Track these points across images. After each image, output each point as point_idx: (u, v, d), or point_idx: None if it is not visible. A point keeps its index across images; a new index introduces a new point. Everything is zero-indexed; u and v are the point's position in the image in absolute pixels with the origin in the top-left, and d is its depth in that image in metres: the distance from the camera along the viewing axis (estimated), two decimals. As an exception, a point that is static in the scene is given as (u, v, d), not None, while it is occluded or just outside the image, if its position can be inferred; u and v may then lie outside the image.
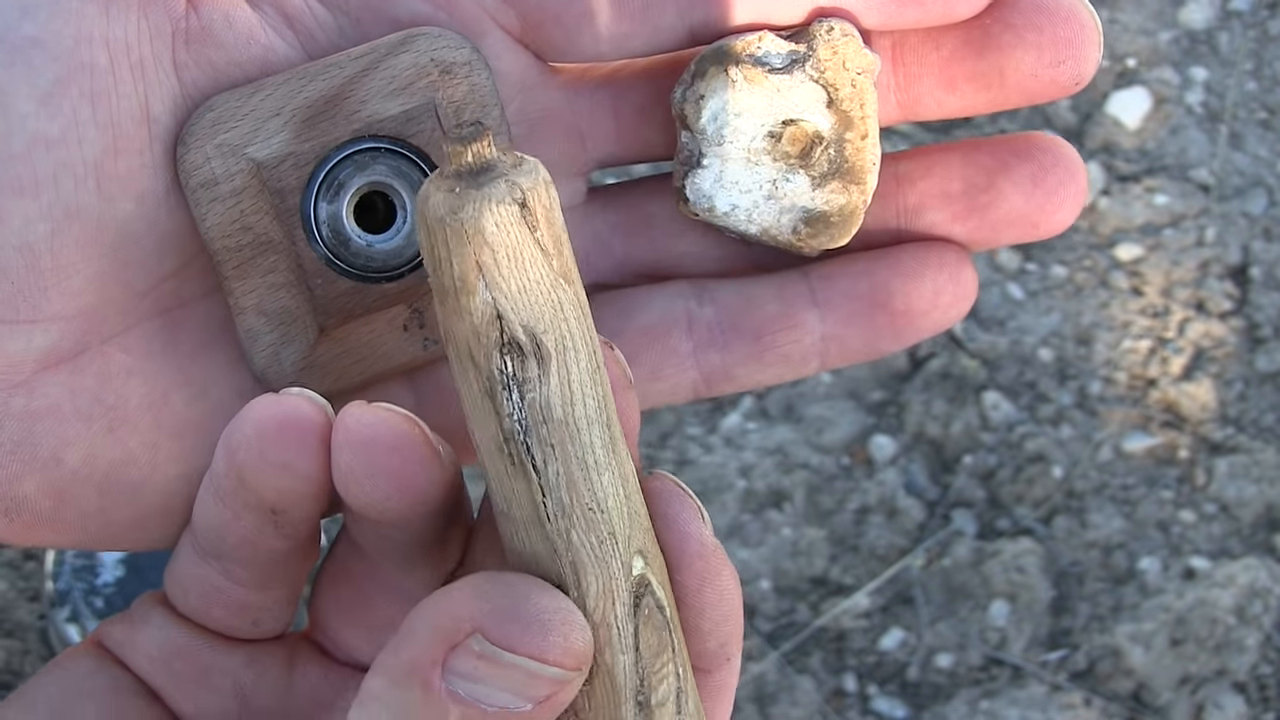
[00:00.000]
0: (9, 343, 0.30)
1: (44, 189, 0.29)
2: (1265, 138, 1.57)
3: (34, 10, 0.28)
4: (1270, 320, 1.44)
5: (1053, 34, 0.31)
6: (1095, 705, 1.26)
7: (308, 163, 0.32)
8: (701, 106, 0.33)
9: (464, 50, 0.32)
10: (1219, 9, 1.64)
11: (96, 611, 1.02)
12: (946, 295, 0.33)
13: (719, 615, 0.31)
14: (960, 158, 0.33)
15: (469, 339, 0.29)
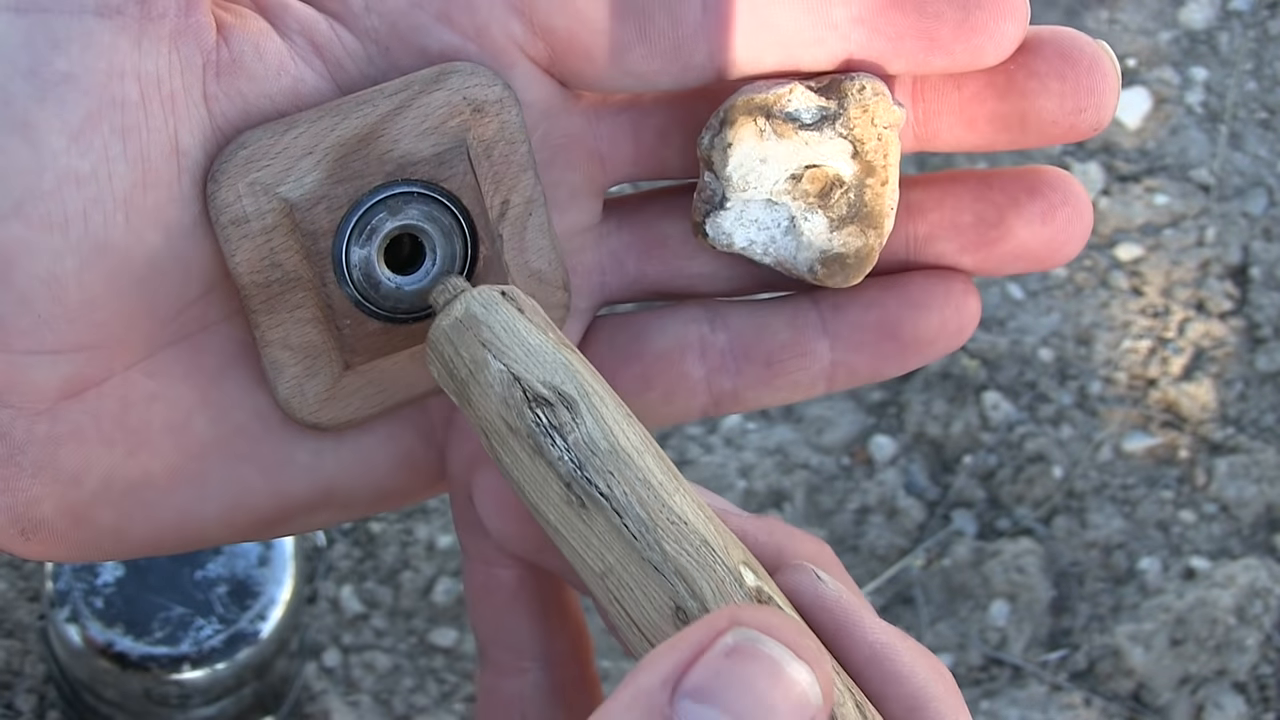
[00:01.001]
0: (34, 372, 0.30)
1: (73, 224, 0.29)
2: (1265, 138, 1.57)
3: (66, 44, 0.29)
4: (1270, 320, 1.44)
5: (1075, 82, 0.32)
6: (1095, 705, 1.26)
7: (341, 206, 0.32)
8: (729, 154, 0.33)
9: (496, 88, 0.32)
10: (1219, 9, 1.65)
11: (96, 611, 1.02)
12: (952, 325, 0.34)
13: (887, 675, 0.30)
14: (971, 191, 0.34)
15: (499, 411, 0.30)
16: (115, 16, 0.29)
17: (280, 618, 1.04)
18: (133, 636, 1.01)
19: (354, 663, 1.23)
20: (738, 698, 0.25)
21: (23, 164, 0.29)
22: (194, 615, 1.02)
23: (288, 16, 0.31)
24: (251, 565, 1.04)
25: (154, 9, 0.29)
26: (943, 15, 0.31)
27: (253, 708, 1.10)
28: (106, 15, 0.29)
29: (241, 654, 1.02)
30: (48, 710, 1.19)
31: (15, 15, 0.28)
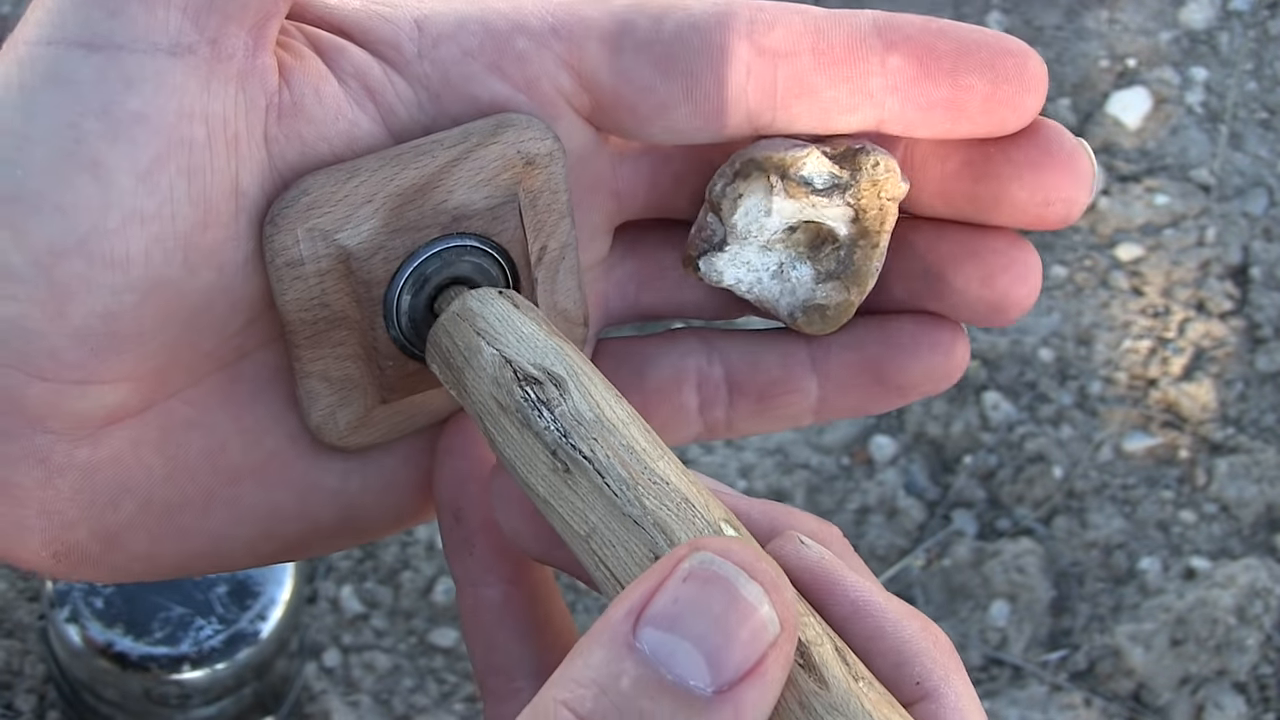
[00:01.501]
0: (80, 402, 0.31)
1: (135, 263, 0.30)
2: (1265, 138, 1.57)
3: (139, 84, 0.29)
4: (1271, 320, 1.44)
5: (1049, 176, 0.33)
6: (1095, 705, 1.26)
7: (397, 257, 0.33)
8: (738, 204, 0.34)
9: (547, 141, 0.33)
10: (1219, 9, 1.64)
11: (96, 612, 1.02)
12: (938, 371, 0.35)
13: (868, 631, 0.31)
14: (924, 242, 0.35)
15: (490, 391, 0.31)
16: (187, 56, 0.29)
17: (280, 618, 1.04)
18: (133, 636, 1.01)
19: (354, 663, 1.23)
20: (695, 622, 0.26)
21: (90, 202, 0.29)
22: (194, 615, 1.02)
23: (343, 60, 0.32)
24: (251, 565, 1.04)
25: (224, 49, 0.30)
26: (973, 89, 0.32)
27: (253, 708, 1.10)
28: (179, 55, 0.29)
29: (241, 654, 1.02)
30: (48, 710, 1.19)
31: (88, 51, 0.29)
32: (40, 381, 0.30)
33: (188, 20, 0.29)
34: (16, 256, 0.29)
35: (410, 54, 0.32)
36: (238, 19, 0.30)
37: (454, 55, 0.32)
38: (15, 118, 0.29)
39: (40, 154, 0.28)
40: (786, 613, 0.27)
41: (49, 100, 0.29)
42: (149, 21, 0.29)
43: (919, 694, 0.30)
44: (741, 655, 0.26)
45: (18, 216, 0.29)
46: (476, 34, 0.32)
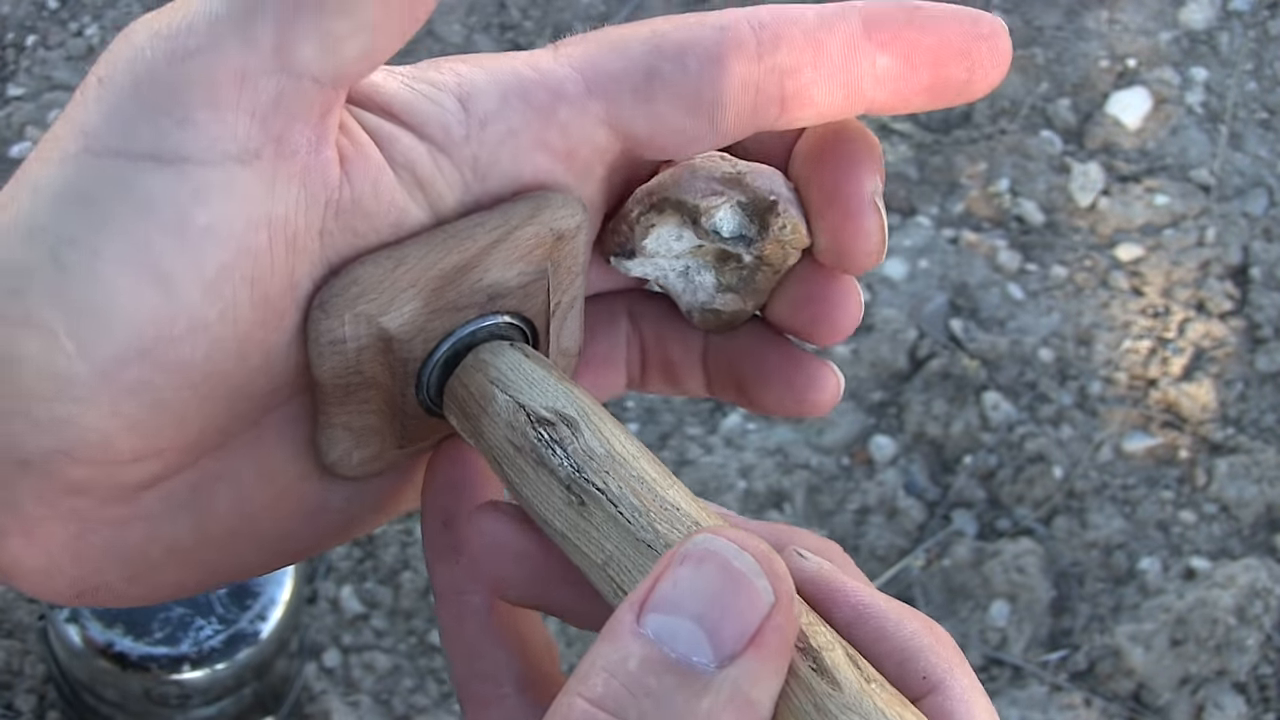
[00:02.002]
0: (123, 474, 0.31)
1: (194, 366, 0.30)
2: (1265, 138, 1.57)
3: (207, 195, 0.29)
4: (1270, 320, 1.44)
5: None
6: (1095, 705, 1.26)
7: (435, 338, 0.34)
8: (649, 232, 0.36)
9: (578, 216, 0.34)
10: (1219, 9, 1.64)
11: (96, 612, 1.02)
12: (794, 407, 0.38)
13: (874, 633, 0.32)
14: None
15: (506, 435, 0.32)
16: (254, 162, 0.29)
17: (280, 618, 1.04)
18: (133, 637, 1.01)
19: (354, 663, 1.23)
20: (693, 600, 0.28)
21: (156, 314, 0.29)
22: (194, 615, 1.02)
23: (396, 149, 0.32)
24: (251, 565, 1.04)
25: (288, 147, 0.30)
26: (952, 77, 0.34)
27: (253, 708, 1.10)
28: (246, 162, 0.29)
29: (241, 654, 1.02)
30: (48, 710, 1.19)
31: (158, 165, 0.29)
32: (86, 465, 0.31)
33: (256, 124, 0.29)
34: (81, 367, 0.29)
35: (458, 137, 0.32)
36: (303, 117, 0.30)
37: (500, 135, 0.33)
38: (86, 231, 0.29)
39: (111, 270, 0.29)
40: (780, 585, 0.28)
41: (121, 216, 0.29)
42: (218, 130, 0.29)
43: (926, 688, 0.31)
44: (739, 627, 0.28)
45: (85, 330, 0.29)
46: (520, 110, 0.33)
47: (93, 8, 1.58)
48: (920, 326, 1.41)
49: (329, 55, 0.29)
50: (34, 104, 1.49)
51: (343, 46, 0.29)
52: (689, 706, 0.27)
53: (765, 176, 0.36)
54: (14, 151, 1.47)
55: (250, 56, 0.29)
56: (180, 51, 0.29)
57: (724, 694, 0.27)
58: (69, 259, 0.29)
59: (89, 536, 0.32)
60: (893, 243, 1.46)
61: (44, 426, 0.30)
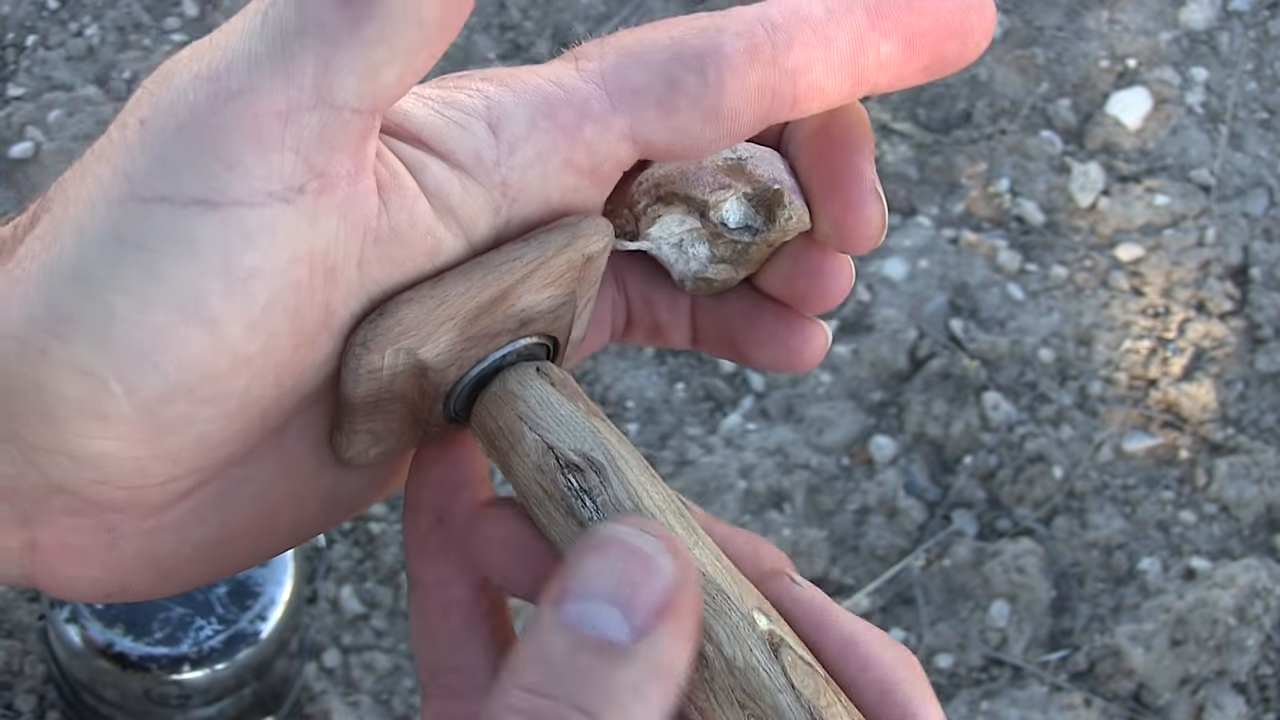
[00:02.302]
0: (154, 494, 0.32)
1: (234, 397, 0.31)
2: (1266, 138, 1.57)
3: (256, 237, 0.29)
4: (1271, 320, 1.44)
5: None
6: (1095, 706, 1.26)
7: (469, 366, 0.35)
8: (655, 221, 0.36)
9: (606, 237, 0.35)
10: (1219, 9, 1.64)
11: (96, 612, 1.02)
12: (785, 363, 0.39)
13: (844, 652, 0.34)
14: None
15: (535, 478, 0.33)
16: (298, 199, 0.30)
17: (280, 618, 1.04)
18: (133, 637, 1.01)
19: (354, 663, 1.23)
20: (603, 582, 0.30)
21: (201, 353, 0.30)
22: (194, 615, 1.02)
23: (428, 178, 0.32)
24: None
25: (330, 179, 0.30)
26: (947, 54, 0.36)
27: (253, 708, 1.10)
28: (290, 200, 0.29)
29: (241, 654, 1.02)
30: (47, 710, 1.19)
31: (206, 209, 0.29)
32: (121, 489, 0.31)
33: (300, 161, 0.30)
34: (126, 407, 0.30)
35: (489, 163, 0.33)
36: (344, 147, 0.30)
37: (529, 159, 0.33)
38: (136, 281, 0.29)
39: (160, 316, 0.29)
40: (681, 560, 0.30)
41: (170, 263, 0.29)
42: (265, 171, 0.29)
43: (901, 717, 0.33)
44: (649, 601, 0.30)
45: (132, 373, 0.29)
46: (548, 132, 0.33)
47: (93, 8, 1.58)
48: (920, 326, 1.41)
49: (368, 84, 0.30)
50: (34, 104, 1.49)
51: (381, 74, 0.30)
52: (614, 679, 0.29)
53: (766, 162, 0.36)
54: (14, 151, 1.47)
55: (292, 94, 0.29)
56: (223, 93, 0.29)
57: (645, 663, 0.29)
58: (119, 308, 0.29)
59: (121, 546, 0.33)
60: (892, 243, 1.46)
61: (81, 460, 0.30)
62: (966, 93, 1.55)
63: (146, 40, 1.55)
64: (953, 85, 1.55)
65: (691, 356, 1.41)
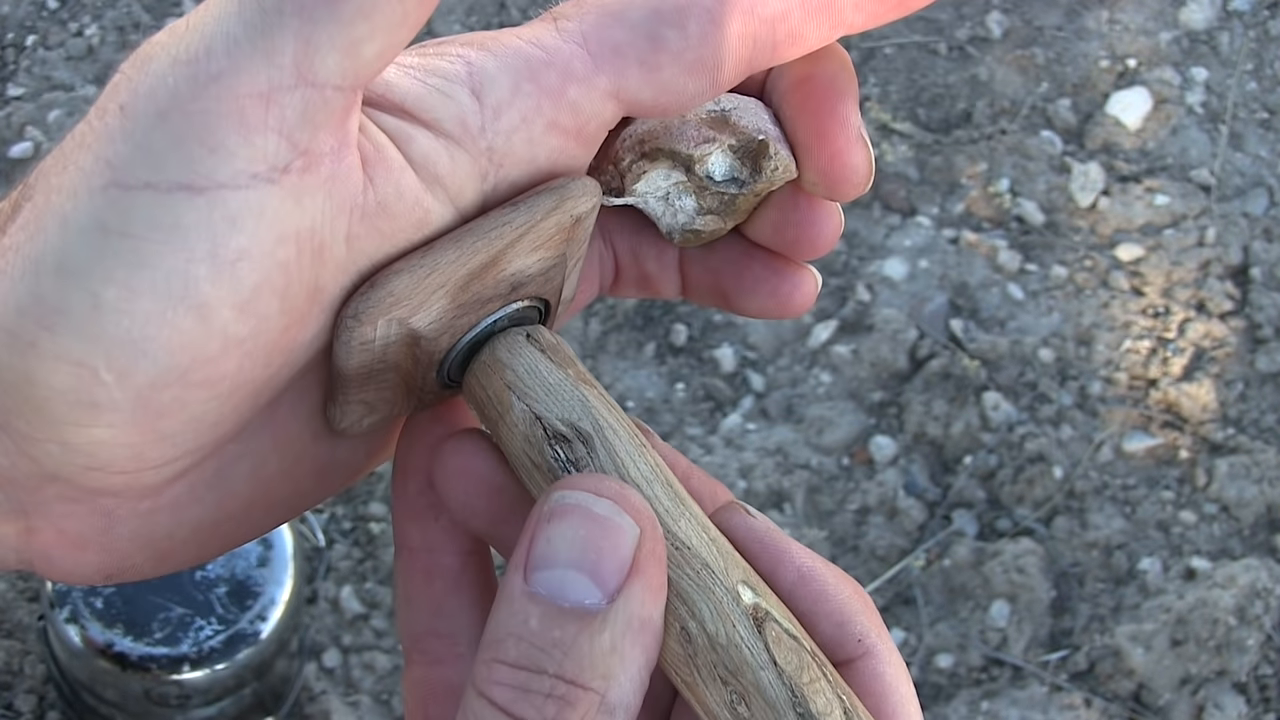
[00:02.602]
0: (150, 478, 0.32)
1: (226, 378, 0.31)
2: (1266, 138, 1.57)
3: (242, 219, 0.29)
4: (1271, 320, 1.44)
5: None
6: (1096, 706, 1.26)
7: (461, 333, 0.35)
8: (640, 178, 0.36)
9: (595, 198, 0.35)
10: (1219, 9, 1.64)
11: (96, 612, 1.02)
12: (775, 310, 0.39)
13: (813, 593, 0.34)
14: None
15: (524, 448, 0.33)
16: (283, 178, 0.29)
17: (280, 618, 1.04)
18: (133, 637, 1.01)
19: (354, 663, 1.23)
20: (568, 551, 0.30)
21: (191, 338, 0.30)
22: (194, 616, 1.02)
23: (414, 148, 0.32)
24: (251, 566, 1.04)
25: (314, 157, 0.30)
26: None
27: (253, 708, 1.10)
28: (275, 180, 0.29)
29: (241, 654, 1.02)
30: (47, 711, 1.19)
31: (191, 194, 0.29)
32: (116, 474, 0.31)
33: (283, 140, 0.29)
34: (118, 395, 0.29)
35: (474, 129, 0.33)
36: (327, 125, 0.30)
37: (514, 123, 0.33)
38: (123, 270, 0.29)
39: (149, 304, 0.29)
40: (640, 515, 0.31)
41: (157, 250, 0.29)
42: (248, 153, 0.29)
43: (860, 650, 0.33)
44: (616, 563, 0.30)
45: (123, 361, 0.29)
46: (532, 95, 0.33)
47: (93, 8, 1.58)
48: (920, 326, 1.41)
49: (349, 60, 0.29)
50: (34, 104, 1.49)
51: (362, 50, 0.29)
52: (595, 644, 0.30)
53: (750, 112, 0.36)
54: (14, 151, 1.47)
55: (273, 74, 0.29)
56: (203, 77, 0.29)
57: (620, 623, 0.30)
58: (107, 297, 0.29)
59: (117, 528, 0.33)
60: (892, 243, 1.46)
61: (75, 448, 0.30)
62: (966, 93, 1.55)
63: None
64: (953, 85, 1.55)
65: (692, 356, 1.41)
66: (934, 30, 1.59)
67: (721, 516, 0.34)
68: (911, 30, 1.58)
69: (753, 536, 0.34)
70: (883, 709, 0.33)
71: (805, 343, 1.41)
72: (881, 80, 1.55)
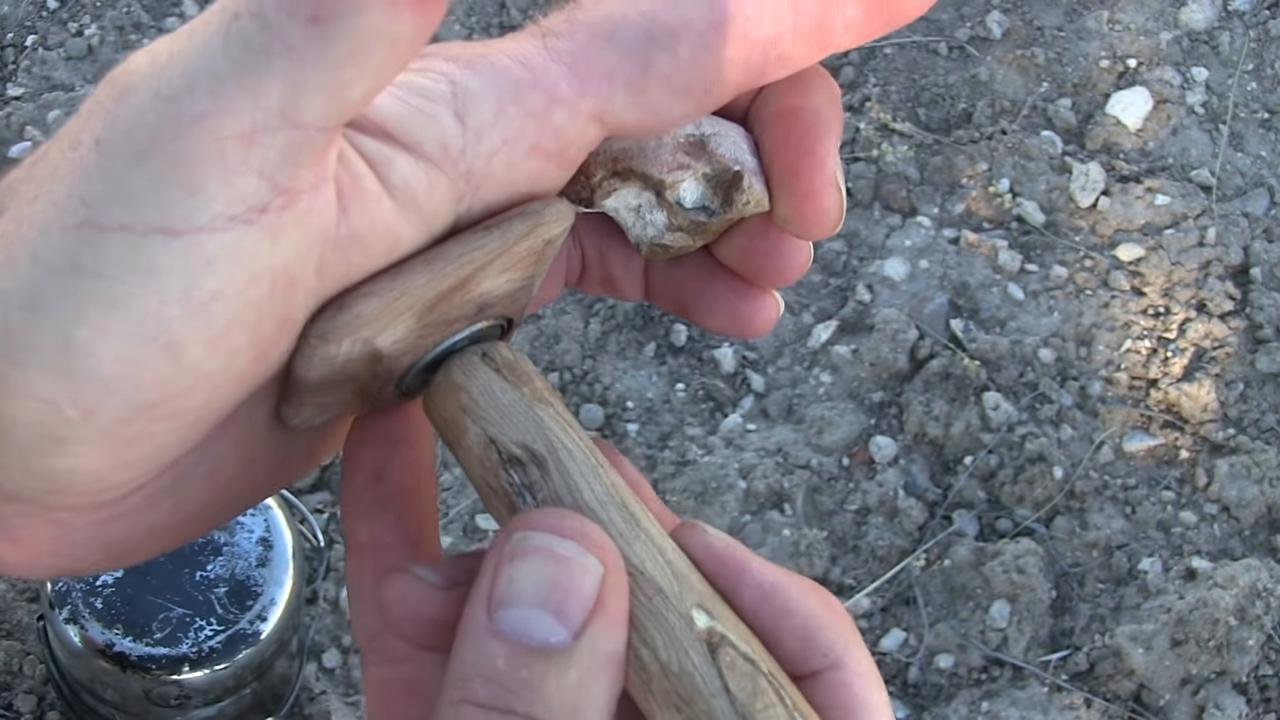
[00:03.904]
0: (109, 495, 0.32)
1: (193, 410, 0.31)
2: (1266, 138, 1.57)
3: (217, 261, 0.29)
4: (1271, 320, 1.44)
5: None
6: (1096, 706, 1.26)
7: (424, 352, 0.34)
8: (610, 196, 0.36)
9: (568, 221, 0.34)
10: (1220, 9, 1.64)
11: (96, 612, 1.02)
12: (735, 330, 0.39)
13: (780, 609, 0.34)
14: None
15: (480, 472, 0.33)
16: (260, 219, 0.29)
17: (280, 618, 1.04)
18: (132, 637, 1.01)
19: (354, 663, 1.23)
20: (533, 591, 0.30)
21: (162, 375, 0.29)
22: (194, 616, 1.02)
23: (393, 174, 0.32)
24: (251, 566, 1.04)
25: (292, 194, 0.30)
26: (906, 9, 0.36)
27: (253, 708, 1.10)
28: (253, 221, 0.29)
29: (241, 654, 1.02)
30: (47, 711, 1.19)
31: (168, 238, 0.28)
32: (76, 495, 0.31)
33: (264, 182, 0.29)
34: (84, 430, 0.29)
35: (456, 152, 0.32)
36: (309, 163, 0.29)
37: (495, 146, 0.32)
38: (95, 312, 0.28)
39: (119, 346, 0.29)
40: (603, 552, 0.31)
41: (130, 291, 0.28)
42: (228, 195, 0.28)
43: (827, 664, 0.33)
44: (580, 602, 0.30)
45: (90, 398, 0.29)
46: (515, 118, 0.32)
47: (92, 8, 1.58)
48: (920, 326, 1.41)
49: (335, 103, 0.29)
50: (34, 104, 1.49)
51: (348, 92, 0.29)
52: (562, 681, 0.30)
53: (729, 141, 0.36)
54: (14, 151, 1.47)
55: (258, 116, 0.28)
56: (185, 117, 0.28)
57: (586, 660, 0.30)
58: (77, 339, 0.28)
59: (73, 536, 0.33)
60: (893, 243, 1.46)
61: (37, 474, 0.30)
62: (967, 93, 1.55)
63: (146, 40, 1.55)
64: (953, 85, 1.55)
65: (692, 357, 1.41)
66: (934, 30, 1.59)
67: (681, 535, 0.34)
68: (912, 30, 1.58)
69: (711, 555, 0.34)
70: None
71: (805, 343, 1.41)
72: (881, 80, 1.55)
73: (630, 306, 1.42)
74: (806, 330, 1.42)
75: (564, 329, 1.39)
